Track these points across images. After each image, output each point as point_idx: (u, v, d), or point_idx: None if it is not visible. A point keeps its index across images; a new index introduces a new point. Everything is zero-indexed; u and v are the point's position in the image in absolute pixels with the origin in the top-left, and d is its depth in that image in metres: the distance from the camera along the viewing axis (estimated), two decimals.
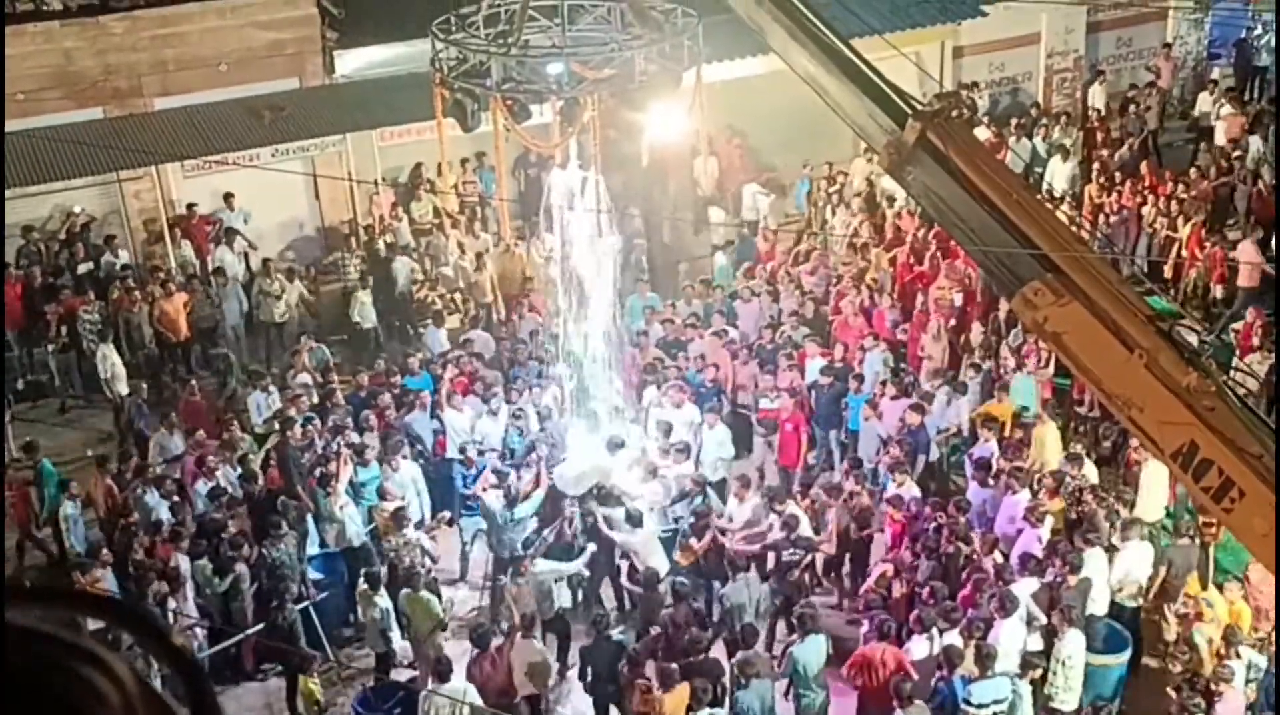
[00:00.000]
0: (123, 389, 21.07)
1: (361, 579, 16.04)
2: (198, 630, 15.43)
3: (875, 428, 18.13)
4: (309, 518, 17.20)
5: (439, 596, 16.14)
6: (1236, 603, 14.39)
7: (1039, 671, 13.91)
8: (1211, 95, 29.79)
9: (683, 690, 13.39)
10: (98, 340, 22.08)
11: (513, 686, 14.66)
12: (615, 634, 14.76)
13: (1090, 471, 16.85)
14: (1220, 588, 14.91)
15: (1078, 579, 14.66)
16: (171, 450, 18.90)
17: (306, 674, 14.97)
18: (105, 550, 16.34)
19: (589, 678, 14.50)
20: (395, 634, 15.62)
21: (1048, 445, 17.63)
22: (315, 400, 19.62)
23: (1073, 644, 14.05)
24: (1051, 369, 18.95)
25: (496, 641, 14.66)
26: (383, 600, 15.52)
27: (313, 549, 17.20)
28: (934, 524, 16.05)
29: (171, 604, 15.23)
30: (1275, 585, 11.39)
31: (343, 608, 17.19)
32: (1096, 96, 30.46)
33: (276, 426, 18.64)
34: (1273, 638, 14.06)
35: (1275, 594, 13.57)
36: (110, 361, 21.10)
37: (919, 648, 13.98)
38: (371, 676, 15.59)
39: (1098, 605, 14.95)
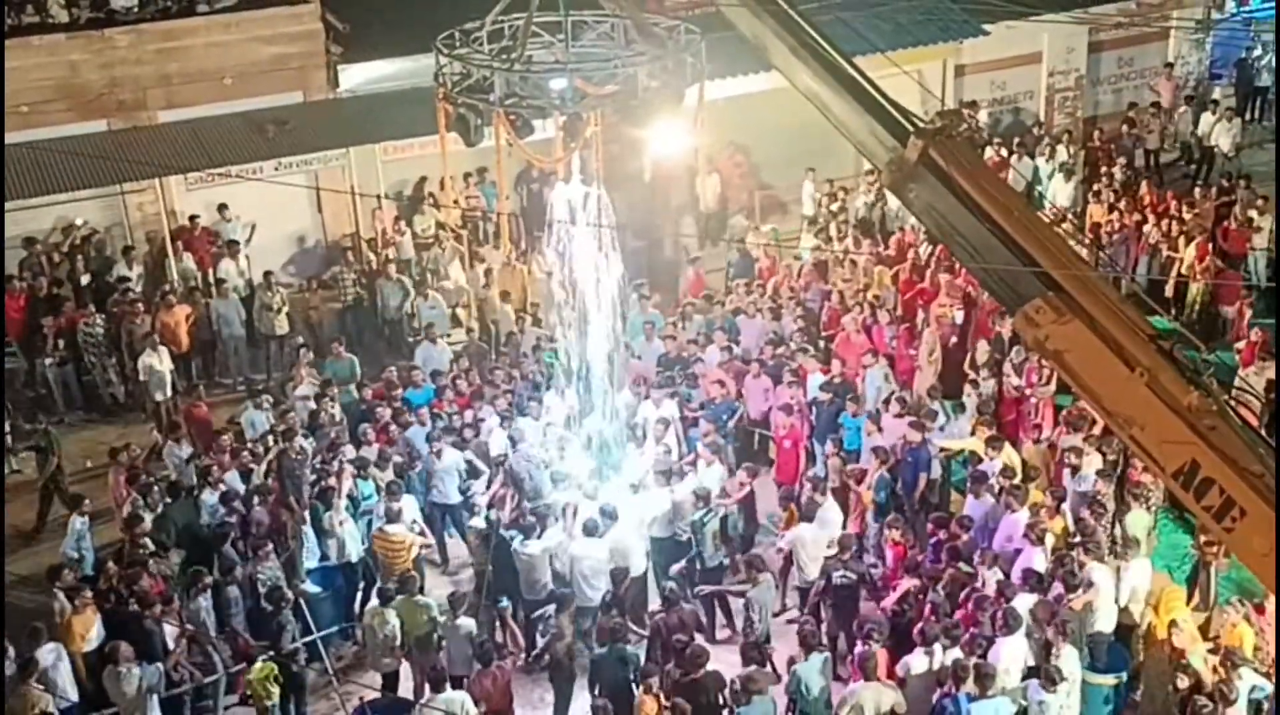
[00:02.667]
0: (161, 396, 21.34)
1: (374, 596, 16.06)
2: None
3: (874, 444, 18.11)
4: (308, 532, 17.19)
5: None
6: (1239, 625, 14.31)
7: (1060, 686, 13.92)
8: (1214, 116, 29.85)
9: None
10: (101, 352, 22.16)
11: (511, 707, 14.68)
12: (629, 648, 14.73)
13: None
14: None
15: (1082, 599, 14.64)
16: (181, 460, 18.87)
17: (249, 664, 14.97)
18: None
19: (597, 690, 14.45)
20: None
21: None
22: (314, 411, 19.63)
23: (1070, 661, 14.04)
24: (1054, 387, 18.95)
25: (502, 663, 14.63)
26: (394, 618, 15.47)
27: (311, 562, 17.18)
28: (934, 540, 16.11)
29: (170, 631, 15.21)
30: (1275, 604, 11.39)
31: (339, 621, 17.18)
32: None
33: (273, 442, 18.62)
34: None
35: (1275, 612, 13.57)
36: (154, 370, 21.22)
37: (918, 663, 13.97)
38: (368, 690, 15.52)
39: (1105, 623, 14.92)
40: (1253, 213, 24.25)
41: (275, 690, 14.96)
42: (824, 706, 14.05)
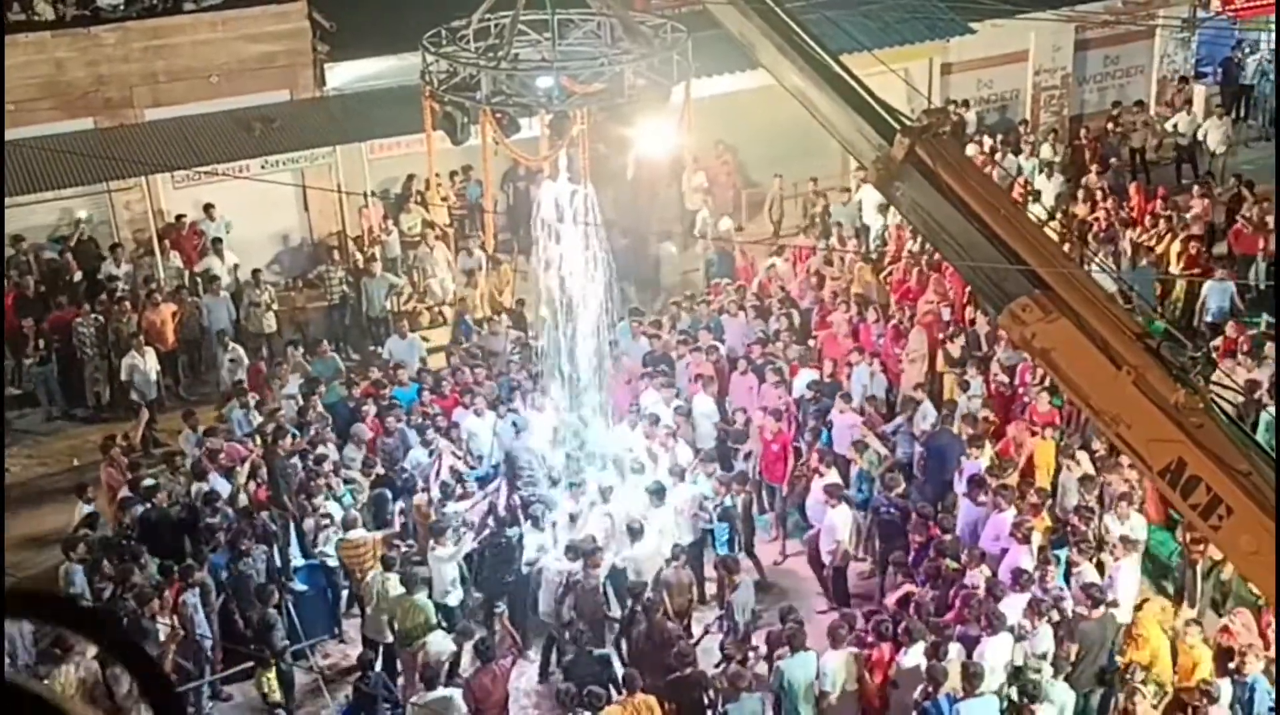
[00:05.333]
0: (150, 393, 21.31)
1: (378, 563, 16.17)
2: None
3: (856, 438, 18.21)
4: (294, 530, 17.18)
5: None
6: (1196, 647, 14.12)
7: (1066, 671, 13.90)
8: (1188, 115, 29.96)
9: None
10: (94, 351, 22.10)
11: (506, 707, 14.66)
12: (598, 650, 14.72)
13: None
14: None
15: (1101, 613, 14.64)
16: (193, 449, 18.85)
17: (265, 669, 14.96)
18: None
19: (571, 694, 14.40)
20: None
21: (1040, 463, 17.69)
22: (301, 408, 19.59)
23: (1045, 641, 14.09)
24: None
25: (503, 661, 14.64)
26: (394, 584, 15.60)
27: (299, 561, 17.17)
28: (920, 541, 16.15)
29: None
30: (1275, 603, 11.35)
31: (326, 619, 17.18)
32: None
33: (258, 440, 18.61)
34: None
35: (1275, 610, 13.57)
36: (138, 370, 21.19)
37: (909, 660, 13.99)
38: (354, 680, 15.43)
39: None
40: (1269, 217, 24.21)
41: (276, 685, 15.04)
42: (807, 702, 14.06)
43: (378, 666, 15.21)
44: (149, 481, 17.73)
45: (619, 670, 14.54)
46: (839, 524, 16.64)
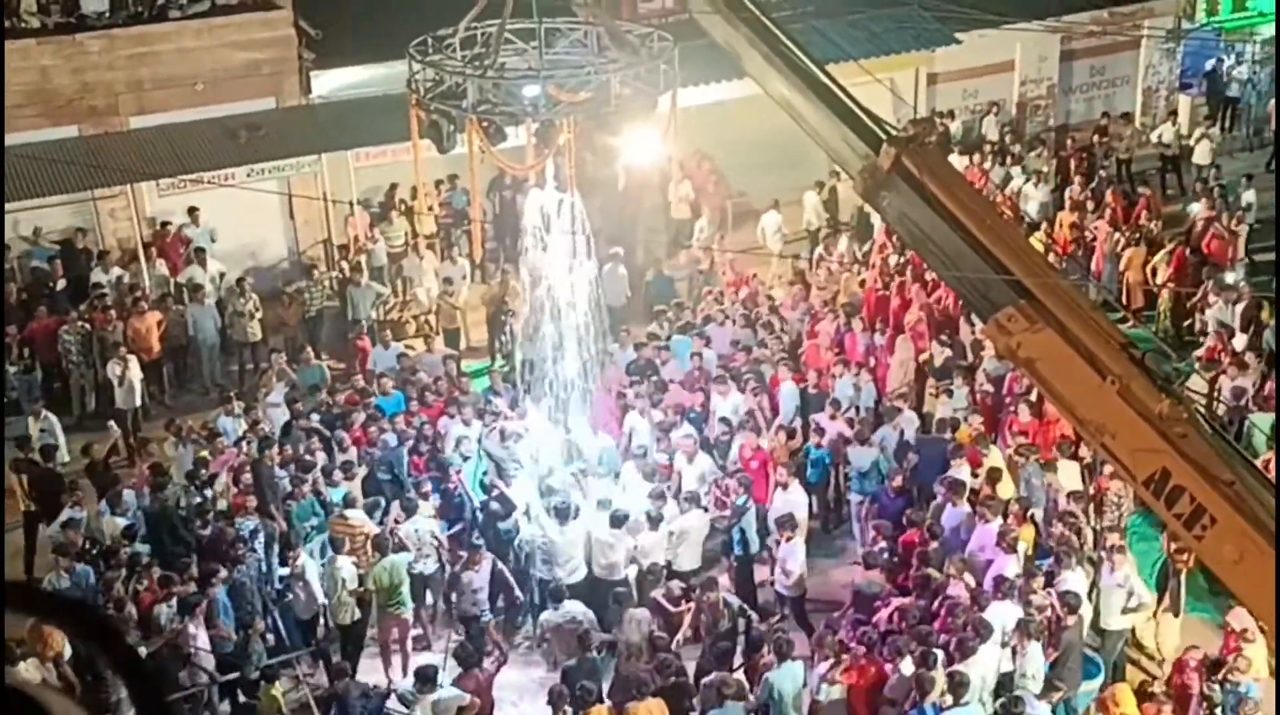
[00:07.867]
0: (134, 402, 21.29)
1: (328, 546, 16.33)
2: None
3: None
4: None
5: None
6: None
7: (1060, 695, 13.87)
8: (1173, 126, 30.06)
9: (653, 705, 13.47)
10: (80, 359, 22.01)
11: (491, 711, 14.63)
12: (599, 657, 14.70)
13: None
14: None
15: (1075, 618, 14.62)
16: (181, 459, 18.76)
17: (270, 683, 14.90)
18: None
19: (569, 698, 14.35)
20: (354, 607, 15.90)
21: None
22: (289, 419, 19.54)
23: (1035, 661, 14.07)
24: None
25: (487, 665, 14.62)
26: (346, 566, 15.84)
27: (284, 570, 17.10)
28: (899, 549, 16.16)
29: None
30: (1275, 628, 11.31)
31: (306, 629, 17.08)
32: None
33: (245, 447, 18.58)
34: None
35: (1275, 619, 13.57)
36: (126, 376, 21.12)
37: (901, 667, 13.97)
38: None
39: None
40: (1240, 227, 24.29)
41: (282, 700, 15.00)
42: (796, 712, 14.03)
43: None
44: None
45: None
46: (791, 556, 16.45)
